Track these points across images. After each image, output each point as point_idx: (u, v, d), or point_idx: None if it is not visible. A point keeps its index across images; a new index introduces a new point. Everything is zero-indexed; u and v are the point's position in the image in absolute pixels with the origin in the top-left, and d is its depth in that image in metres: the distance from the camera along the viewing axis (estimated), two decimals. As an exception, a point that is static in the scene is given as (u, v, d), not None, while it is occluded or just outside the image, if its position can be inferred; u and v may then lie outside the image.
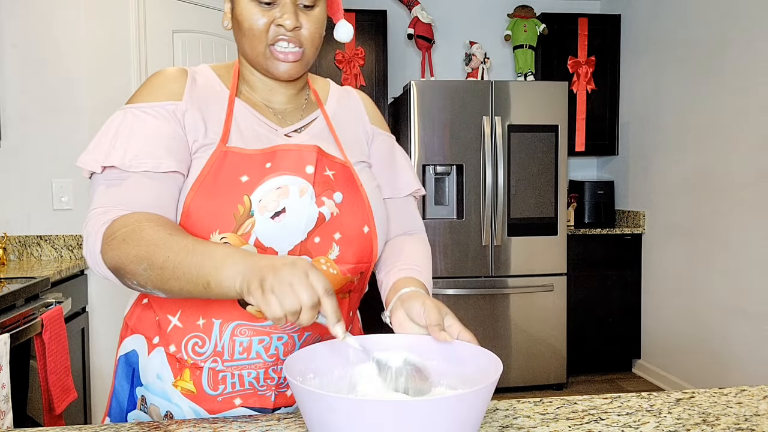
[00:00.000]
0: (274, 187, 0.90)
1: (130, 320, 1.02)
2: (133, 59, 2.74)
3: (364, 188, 1.00)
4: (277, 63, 0.95)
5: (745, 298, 3.10)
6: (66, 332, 2.09)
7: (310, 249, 0.93)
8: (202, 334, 0.92)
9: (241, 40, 0.97)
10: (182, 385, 0.94)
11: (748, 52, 3.08)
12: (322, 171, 0.95)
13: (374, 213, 0.99)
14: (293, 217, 0.90)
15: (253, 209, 0.89)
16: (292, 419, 0.84)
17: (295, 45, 0.94)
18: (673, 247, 3.67)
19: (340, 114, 1.08)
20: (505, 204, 3.61)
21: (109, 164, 0.89)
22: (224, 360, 0.92)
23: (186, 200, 0.90)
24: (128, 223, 0.84)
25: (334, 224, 0.94)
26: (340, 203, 0.95)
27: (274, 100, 1.02)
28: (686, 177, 3.55)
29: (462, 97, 3.55)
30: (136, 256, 0.80)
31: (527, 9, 4.20)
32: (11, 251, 2.61)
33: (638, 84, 4.06)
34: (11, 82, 2.58)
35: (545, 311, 3.68)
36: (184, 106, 0.94)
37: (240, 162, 0.91)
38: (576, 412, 0.86)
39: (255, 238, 0.89)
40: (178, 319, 0.94)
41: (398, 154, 1.15)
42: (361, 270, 1.00)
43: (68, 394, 2.08)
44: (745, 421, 0.81)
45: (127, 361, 0.99)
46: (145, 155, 0.89)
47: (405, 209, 1.13)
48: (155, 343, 0.96)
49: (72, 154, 2.61)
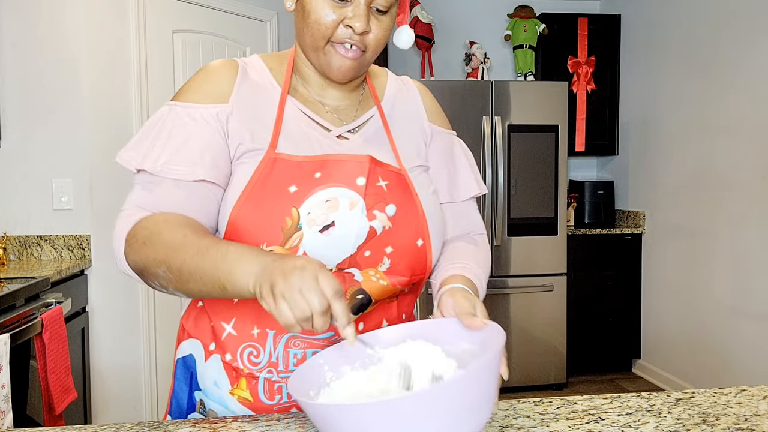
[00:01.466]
0: (324, 200, 0.87)
1: (186, 323, 1.00)
2: (133, 59, 2.74)
3: (420, 197, 0.95)
4: (334, 62, 0.91)
5: (745, 298, 3.10)
6: (66, 332, 2.09)
7: (359, 262, 0.90)
8: (256, 344, 0.91)
9: (302, 29, 0.91)
10: (239, 394, 0.92)
11: (748, 52, 3.08)
12: (375, 182, 0.91)
13: (429, 224, 0.95)
14: (343, 231, 0.88)
15: (301, 222, 0.86)
16: (292, 419, 0.84)
17: (360, 48, 0.90)
18: (673, 247, 3.67)
19: (398, 110, 1.03)
20: (505, 204, 3.61)
21: (142, 168, 0.89)
22: (279, 371, 0.91)
23: (233, 211, 0.88)
24: (148, 225, 0.84)
25: (385, 238, 0.91)
26: (392, 216, 0.92)
27: (327, 96, 0.98)
28: (686, 177, 3.55)
29: (462, 97, 3.55)
30: (155, 260, 0.81)
31: (527, 9, 4.20)
32: (11, 251, 2.61)
33: (638, 84, 4.06)
34: (11, 82, 2.58)
35: (545, 311, 3.68)
36: (229, 108, 0.91)
37: (289, 170, 0.88)
38: (576, 412, 0.86)
39: (303, 252, 0.86)
40: (232, 327, 0.93)
41: (458, 153, 1.09)
42: (414, 281, 0.96)
43: (68, 394, 2.08)
44: (745, 421, 0.81)
45: (185, 364, 0.98)
46: (178, 162, 0.88)
47: (464, 212, 1.08)
48: (211, 350, 0.95)
49: (72, 154, 2.61)
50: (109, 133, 2.67)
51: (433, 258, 0.97)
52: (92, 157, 2.63)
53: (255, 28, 3.32)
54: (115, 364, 2.69)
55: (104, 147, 2.65)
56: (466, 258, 1.00)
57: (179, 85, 2.93)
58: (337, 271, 0.89)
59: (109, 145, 2.66)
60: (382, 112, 1.01)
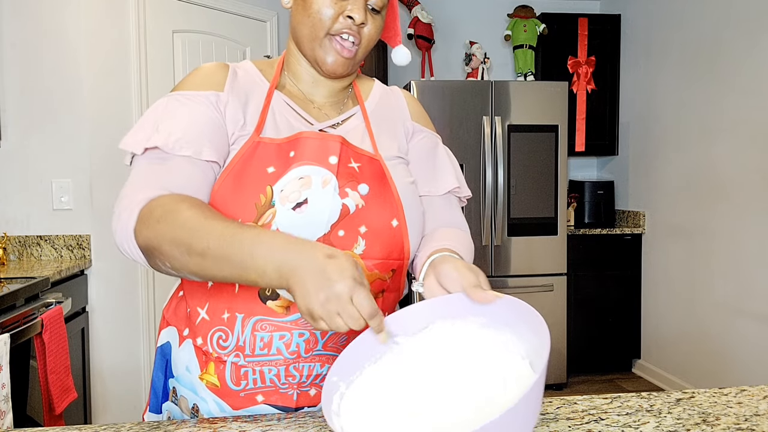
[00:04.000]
0: (297, 177, 0.90)
1: (167, 312, 1.03)
2: (133, 59, 2.74)
3: (395, 182, 0.97)
4: (331, 54, 0.95)
5: (745, 298, 3.10)
6: (66, 332, 2.09)
7: (333, 242, 0.90)
8: (225, 327, 0.92)
9: (301, 21, 0.95)
10: (207, 379, 0.94)
11: (748, 52, 3.08)
12: (347, 162, 0.94)
13: (405, 207, 0.96)
14: (316, 209, 0.89)
15: (274, 199, 0.88)
16: (292, 419, 0.84)
17: (355, 40, 0.94)
18: (673, 247, 3.67)
19: (380, 110, 1.07)
20: (505, 204, 3.61)
21: (152, 145, 0.88)
22: (246, 355, 0.91)
23: (214, 188, 0.90)
24: (165, 203, 0.83)
25: (359, 217, 0.92)
26: (365, 195, 0.93)
27: (316, 93, 1.02)
28: (686, 177, 3.55)
29: (462, 97, 3.55)
30: (172, 239, 0.79)
31: (527, 9, 4.20)
32: (11, 251, 2.61)
33: (638, 84, 4.06)
34: (11, 82, 2.58)
35: (545, 311, 3.67)
36: (225, 97, 0.94)
37: (269, 152, 0.91)
38: (576, 412, 0.86)
39: (275, 229, 0.87)
40: (205, 311, 0.94)
41: (441, 152, 1.11)
42: (392, 267, 0.96)
43: (68, 394, 2.08)
44: (745, 421, 0.81)
45: (162, 352, 1.00)
46: (188, 141, 0.89)
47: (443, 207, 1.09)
48: (185, 335, 0.97)
49: (72, 154, 2.61)
50: (109, 133, 2.67)
51: (411, 243, 0.97)
52: (92, 157, 2.63)
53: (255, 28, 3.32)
54: (115, 364, 2.69)
55: (104, 147, 2.65)
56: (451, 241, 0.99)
57: (179, 85, 2.93)
58: None
59: (109, 145, 2.66)
60: (364, 110, 1.04)
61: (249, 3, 3.26)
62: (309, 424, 0.82)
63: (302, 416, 0.85)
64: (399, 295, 1.03)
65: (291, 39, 1.01)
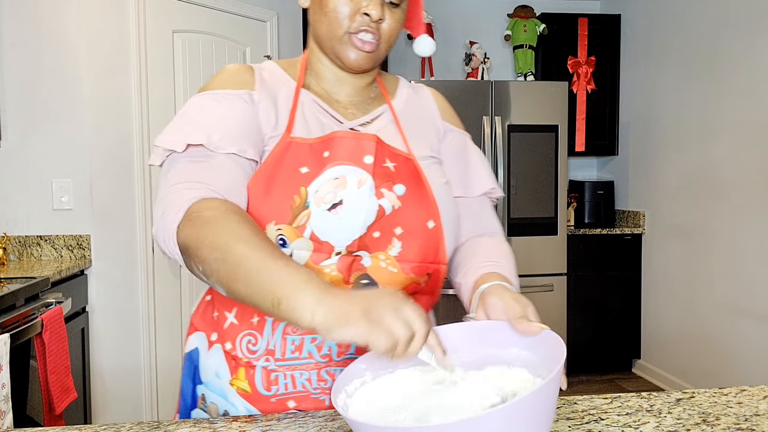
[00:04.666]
0: (332, 178, 0.88)
1: (195, 318, 1.01)
2: (133, 59, 2.74)
3: (430, 183, 0.95)
4: (352, 51, 0.93)
5: (745, 298, 3.10)
6: (66, 332, 2.09)
7: (368, 244, 0.89)
8: (255, 331, 0.91)
9: (319, 21, 0.94)
10: (238, 384, 0.92)
11: (748, 52, 3.08)
12: (382, 162, 0.92)
13: (441, 209, 0.94)
14: (351, 210, 0.87)
15: (309, 201, 0.86)
16: (292, 419, 0.84)
17: (375, 36, 0.93)
18: (673, 247, 3.67)
19: (409, 109, 1.05)
20: (505, 204, 3.61)
21: (195, 142, 0.87)
22: (276, 359, 0.90)
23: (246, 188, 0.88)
24: (216, 206, 0.80)
25: (394, 218, 0.90)
26: (402, 196, 0.91)
27: (340, 92, 1.00)
28: (686, 177, 3.55)
29: (462, 97, 3.55)
30: (212, 243, 0.76)
31: (527, 9, 4.20)
32: (11, 251, 2.61)
33: (638, 84, 4.06)
34: (11, 82, 2.58)
35: (545, 311, 3.67)
36: (257, 96, 0.94)
37: (301, 152, 0.90)
38: (576, 412, 0.86)
39: (311, 231, 0.86)
40: (234, 316, 0.93)
41: (472, 152, 1.09)
42: (428, 271, 0.93)
43: (68, 394, 2.08)
44: (745, 421, 0.81)
45: (190, 359, 0.99)
46: (231, 138, 0.88)
47: (478, 210, 1.06)
48: (213, 340, 0.96)
49: (72, 154, 2.61)
50: (109, 133, 2.67)
51: (447, 245, 0.94)
52: (92, 157, 2.63)
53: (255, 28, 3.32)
54: (115, 364, 2.69)
55: (104, 147, 2.65)
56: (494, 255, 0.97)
57: (179, 84, 2.93)
58: (345, 254, 0.88)
59: (109, 145, 2.66)
60: (392, 109, 1.03)
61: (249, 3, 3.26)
62: (309, 424, 0.82)
63: (302, 416, 0.85)
64: (434, 299, 1.00)
65: (312, 38, 1.00)
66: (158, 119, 2.83)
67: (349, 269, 0.88)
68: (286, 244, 0.87)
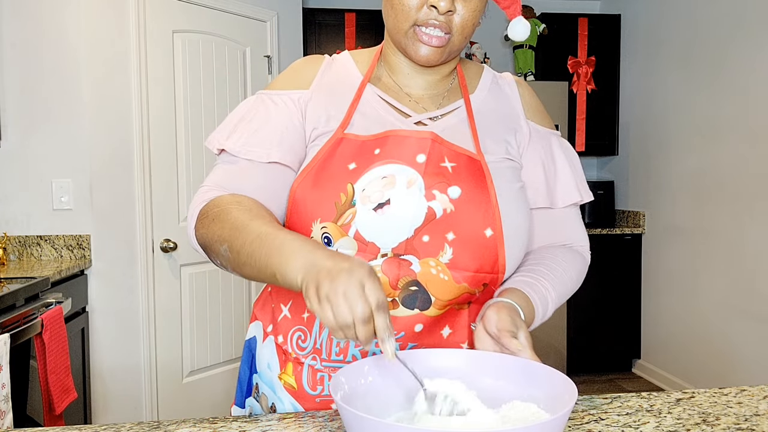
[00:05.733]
0: (380, 176, 0.85)
1: (256, 307, 1.03)
2: (133, 59, 2.74)
3: (497, 187, 0.88)
4: (418, 45, 0.88)
5: (745, 298, 3.10)
6: (66, 332, 2.09)
7: (417, 248, 0.84)
8: (305, 327, 0.91)
9: (387, 13, 0.91)
10: (285, 379, 0.92)
11: (748, 52, 3.08)
12: (438, 162, 0.87)
13: (505, 216, 0.87)
14: (398, 210, 0.83)
15: (355, 199, 0.84)
16: (292, 419, 0.84)
17: (443, 30, 0.86)
18: (673, 247, 3.67)
19: (489, 105, 0.97)
20: (505, 204, 3.61)
21: (223, 147, 0.92)
22: (322, 359, 0.89)
23: (293, 187, 0.89)
24: (220, 203, 0.85)
25: (447, 222, 0.84)
26: (456, 199, 0.85)
27: (413, 85, 0.96)
28: (686, 177, 3.55)
29: (462, 97, 3.55)
30: (220, 237, 0.81)
31: (527, 9, 4.19)
32: (11, 251, 2.61)
33: (638, 84, 4.06)
34: (11, 82, 2.58)
35: (545, 311, 3.67)
36: (309, 94, 0.94)
37: (352, 149, 0.88)
38: (576, 412, 0.86)
39: (355, 230, 0.84)
40: (288, 309, 0.93)
41: (558, 155, 1.00)
42: (484, 281, 0.87)
43: (68, 394, 2.08)
44: (745, 421, 0.81)
45: (249, 347, 1.00)
46: (256, 144, 0.90)
47: (560, 222, 1.00)
48: (269, 331, 0.96)
49: (72, 154, 2.61)
50: (109, 133, 2.67)
51: (507, 256, 0.87)
52: (92, 157, 2.63)
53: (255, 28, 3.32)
54: (115, 364, 2.69)
55: (104, 147, 2.65)
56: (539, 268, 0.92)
57: (179, 84, 2.93)
58: (392, 256, 0.84)
59: (109, 145, 2.66)
60: (469, 104, 0.96)
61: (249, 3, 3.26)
62: (309, 424, 0.82)
63: (302, 416, 0.85)
64: None
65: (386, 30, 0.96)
66: (158, 119, 2.83)
67: (397, 274, 0.84)
68: (331, 242, 0.85)
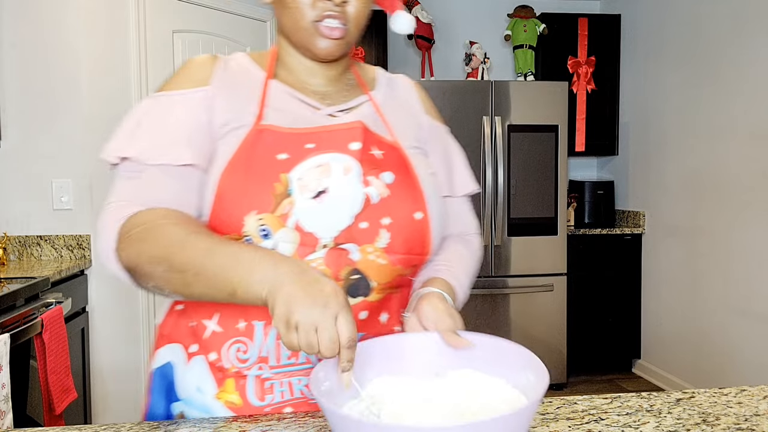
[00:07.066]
0: (315, 165, 0.84)
1: (164, 328, 0.95)
2: (133, 59, 2.74)
3: (417, 173, 0.92)
4: (320, 40, 0.89)
5: (745, 298, 3.10)
6: (66, 332, 2.09)
7: (356, 236, 0.85)
8: (244, 338, 0.86)
9: (282, 14, 0.91)
10: (226, 398, 0.87)
11: (748, 52, 3.08)
12: (369, 150, 0.88)
13: (428, 200, 0.91)
14: (337, 198, 0.83)
15: (292, 188, 0.82)
16: (292, 419, 0.84)
17: (341, 21, 0.88)
18: (674, 247, 3.67)
19: (390, 101, 1.01)
20: (505, 204, 3.61)
21: (125, 155, 0.85)
22: (271, 366, 0.86)
23: (220, 181, 0.84)
24: (145, 220, 0.80)
25: (382, 208, 0.86)
26: (390, 184, 0.88)
27: (313, 83, 0.96)
28: (686, 177, 3.55)
29: (462, 97, 3.55)
30: (153, 257, 0.76)
31: (527, 9, 4.20)
32: (11, 251, 2.61)
33: (638, 84, 4.06)
34: (11, 82, 2.58)
35: (545, 311, 3.68)
36: (212, 90, 0.90)
37: (277, 140, 0.86)
38: (576, 412, 0.86)
39: (295, 221, 0.82)
40: (216, 323, 0.87)
41: (454, 150, 1.07)
42: (414, 263, 0.91)
43: (68, 394, 2.08)
44: (745, 421, 0.81)
45: (162, 374, 0.92)
46: (163, 147, 0.85)
47: (459, 211, 1.06)
48: (193, 351, 0.89)
49: (72, 154, 2.61)
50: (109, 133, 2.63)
51: (433, 238, 0.91)
52: (92, 157, 2.62)
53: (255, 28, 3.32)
54: (115, 364, 2.69)
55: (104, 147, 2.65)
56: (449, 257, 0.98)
57: (179, 85, 2.93)
58: (333, 247, 0.85)
59: (109, 145, 2.66)
60: (373, 99, 0.99)
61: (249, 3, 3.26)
62: (309, 424, 0.82)
63: (302, 416, 0.85)
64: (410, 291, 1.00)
65: (279, 32, 0.97)
66: (158, 119, 2.83)
67: (338, 264, 0.85)
68: (269, 235, 0.82)
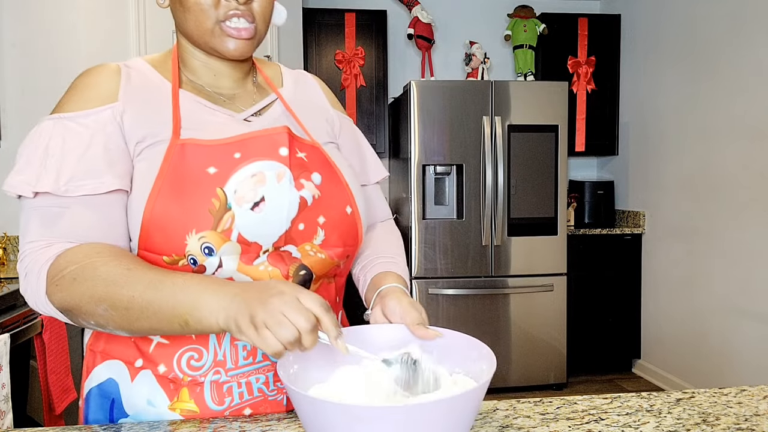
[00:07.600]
0: (249, 175, 0.83)
1: (96, 346, 0.90)
2: (133, 59, 2.74)
3: (339, 168, 0.94)
4: (228, 40, 0.87)
5: (745, 298, 3.10)
6: (66, 332, 2.09)
7: (294, 237, 0.86)
8: (196, 345, 0.85)
9: (183, 17, 0.87)
10: (181, 407, 0.85)
11: (748, 52, 3.08)
12: (295, 153, 0.88)
13: (355, 194, 0.94)
14: (274, 205, 0.84)
15: (230, 202, 0.81)
16: (292, 419, 0.84)
17: (248, 20, 0.86)
18: (673, 247, 3.67)
19: (298, 98, 1.02)
20: (505, 204, 3.61)
21: (42, 190, 0.79)
22: (227, 369, 0.86)
23: (147, 206, 0.80)
24: (77, 259, 0.76)
25: (316, 208, 0.88)
26: (320, 185, 0.89)
27: (220, 85, 0.94)
28: (686, 177, 3.55)
29: (462, 97, 3.55)
30: (92, 297, 0.74)
31: (527, 9, 4.20)
32: (11, 251, 2.61)
33: (638, 84, 4.06)
34: (11, 82, 2.58)
35: (545, 311, 3.68)
36: (121, 106, 0.84)
37: (201, 153, 0.83)
38: (576, 412, 0.86)
39: (237, 234, 0.81)
40: (160, 336, 0.85)
41: (361, 139, 1.12)
42: (347, 254, 0.95)
43: (68, 394, 2.08)
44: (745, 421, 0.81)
45: (101, 392, 0.88)
46: (83, 176, 0.80)
47: (375, 198, 1.11)
48: (139, 366, 0.87)
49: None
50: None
51: (362, 228, 0.95)
52: (92, 157, 2.63)
53: (255, 28, 3.33)
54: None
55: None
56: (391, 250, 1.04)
57: (179, 85, 2.93)
58: (273, 251, 0.85)
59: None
60: (282, 97, 0.99)
61: (249, 3, 3.27)
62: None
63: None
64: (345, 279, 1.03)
65: (180, 35, 0.93)
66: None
67: (284, 262, 0.86)
68: (213, 252, 0.81)
